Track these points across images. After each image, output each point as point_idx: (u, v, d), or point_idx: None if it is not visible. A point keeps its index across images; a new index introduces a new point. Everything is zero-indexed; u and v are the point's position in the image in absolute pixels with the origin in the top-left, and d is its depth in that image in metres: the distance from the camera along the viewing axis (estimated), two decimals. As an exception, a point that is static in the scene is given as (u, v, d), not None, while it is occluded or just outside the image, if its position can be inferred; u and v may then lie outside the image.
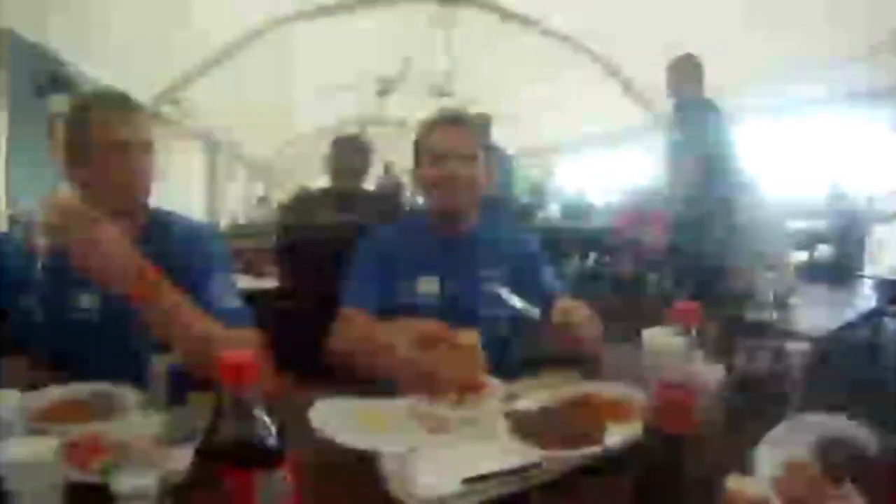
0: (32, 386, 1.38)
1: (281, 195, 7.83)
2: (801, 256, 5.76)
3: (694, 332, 1.07)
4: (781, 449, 1.01)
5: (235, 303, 1.56)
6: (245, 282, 3.03)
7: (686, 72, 3.84)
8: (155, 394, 1.37)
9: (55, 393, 1.42)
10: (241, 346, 1.42)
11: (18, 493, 0.94)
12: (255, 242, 3.99)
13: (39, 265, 1.74)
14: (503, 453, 1.05)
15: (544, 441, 1.08)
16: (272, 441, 0.73)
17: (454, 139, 1.75)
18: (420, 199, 2.30)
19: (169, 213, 1.71)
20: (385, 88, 7.91)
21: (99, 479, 1.00)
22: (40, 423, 1.26)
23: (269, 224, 4.94)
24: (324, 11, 6.17)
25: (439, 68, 7.29)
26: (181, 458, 0.97)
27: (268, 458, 0.73)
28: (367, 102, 8.22)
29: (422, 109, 2.41)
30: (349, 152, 3.25)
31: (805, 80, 5.71)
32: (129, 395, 1.43)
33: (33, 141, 4.56)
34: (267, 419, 0.74)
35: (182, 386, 1.35)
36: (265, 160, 9.99)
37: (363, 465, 1.04)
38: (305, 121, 8.30)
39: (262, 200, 9.46)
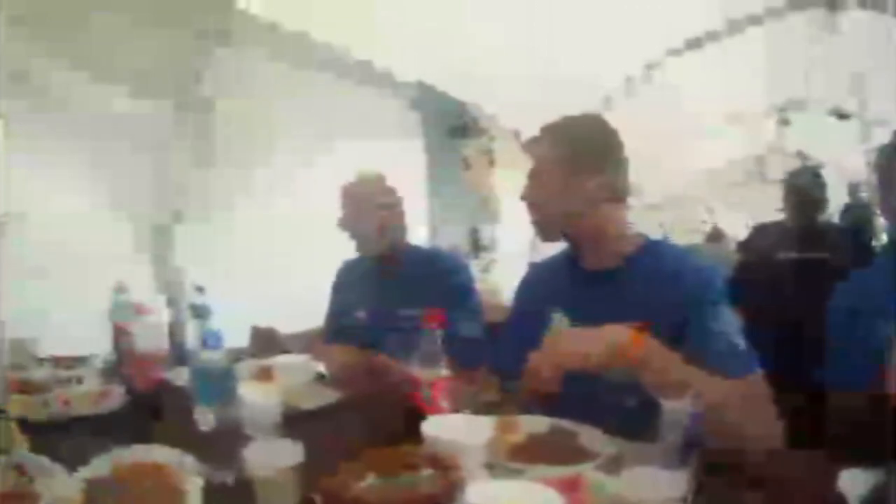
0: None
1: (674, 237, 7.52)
2: None
3: None
4: None
5: (740, 343, 1.38)
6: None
7: None
8: (669, 444, 1.11)
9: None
10: (752, 399, 1.26)
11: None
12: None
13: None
14: None
15: None
16: None
17: None
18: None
19: (665, 247, 1.62)
20: (783, 118, 7.14)
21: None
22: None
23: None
24: (694, 44, 5.77)
25: (835, 85, 6.32)
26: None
27: None
28: (761, 134, 7.53)
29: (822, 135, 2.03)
30: (808, 184, 3.07)
31: None
32: (600, 438, 1.28)
33: (449, 176, 5.17)
34: None
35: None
36: (654, 201, 9.76)
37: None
38: (696, 158, 7.91)
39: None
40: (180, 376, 1.74)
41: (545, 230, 1.59)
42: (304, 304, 2.47)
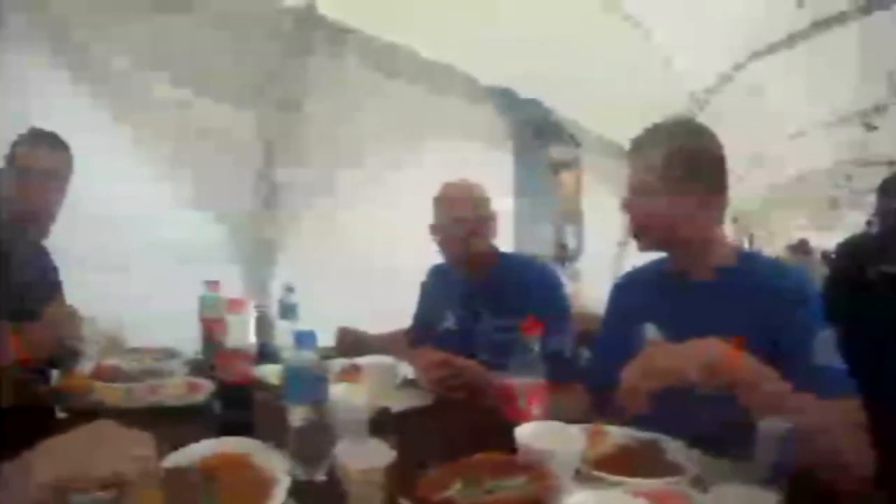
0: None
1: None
2: None
3: None
4: None
5: (836, 362, 1.32)
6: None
7: None
8: (763, 464, 1.08)
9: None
10: (846, 423, 1.21)
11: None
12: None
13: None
14: None
15: None
16: None
17: None
18: None
19: (760, 258, 1.57)
20: (870, 123, 6.80)
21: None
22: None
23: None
24: (782, 45, 5.54)
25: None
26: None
27: None
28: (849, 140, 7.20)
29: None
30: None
31: None
32: (687, 452, 1.26)
33: (535, 182, 5.31)
34: None
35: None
36: (737, 211, 9.47)
37: None
38: (780, 164, 7.62)
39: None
40: (268, 373, 1.77)
41: (647, 240, 1.55)
42: (390, 306, 2.49)
